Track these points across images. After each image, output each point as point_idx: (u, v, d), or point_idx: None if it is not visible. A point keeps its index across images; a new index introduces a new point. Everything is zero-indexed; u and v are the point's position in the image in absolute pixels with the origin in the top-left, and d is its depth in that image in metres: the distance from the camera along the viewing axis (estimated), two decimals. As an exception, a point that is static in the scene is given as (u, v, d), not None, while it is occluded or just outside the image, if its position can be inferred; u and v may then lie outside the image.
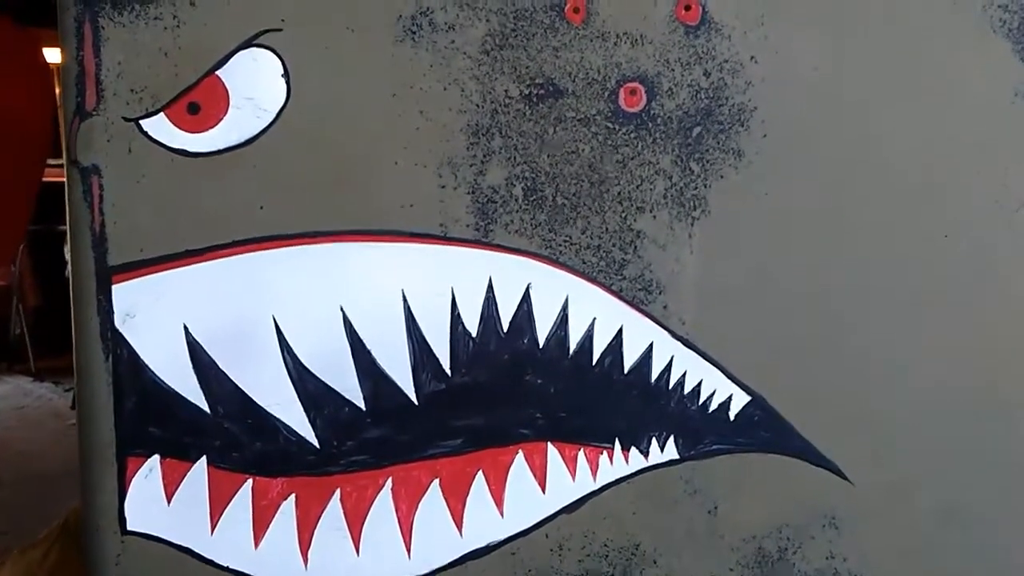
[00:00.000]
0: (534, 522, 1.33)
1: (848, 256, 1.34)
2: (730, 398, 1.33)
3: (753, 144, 1.31)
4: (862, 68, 1.31)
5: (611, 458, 1.33)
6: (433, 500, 1.31)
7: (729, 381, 1.33)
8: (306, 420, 1.27)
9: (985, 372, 1.38)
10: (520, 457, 1.32)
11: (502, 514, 1.32)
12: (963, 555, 1.39)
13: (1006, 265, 1.37)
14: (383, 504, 1.30)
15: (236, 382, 1.26)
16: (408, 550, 1.31)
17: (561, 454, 1.32)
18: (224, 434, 1.27)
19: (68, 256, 1.28)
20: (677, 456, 1.34)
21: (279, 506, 1.29)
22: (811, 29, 1.30)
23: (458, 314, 1.29)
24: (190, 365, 1.25)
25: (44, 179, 3.92)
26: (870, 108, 1.32)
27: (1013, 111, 1.34)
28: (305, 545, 1.29)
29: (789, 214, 1.32)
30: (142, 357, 1.25)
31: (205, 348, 1.25)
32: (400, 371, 1.29)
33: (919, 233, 1.35)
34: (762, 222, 1.32)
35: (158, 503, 1.27)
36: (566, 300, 1.31)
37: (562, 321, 1.31)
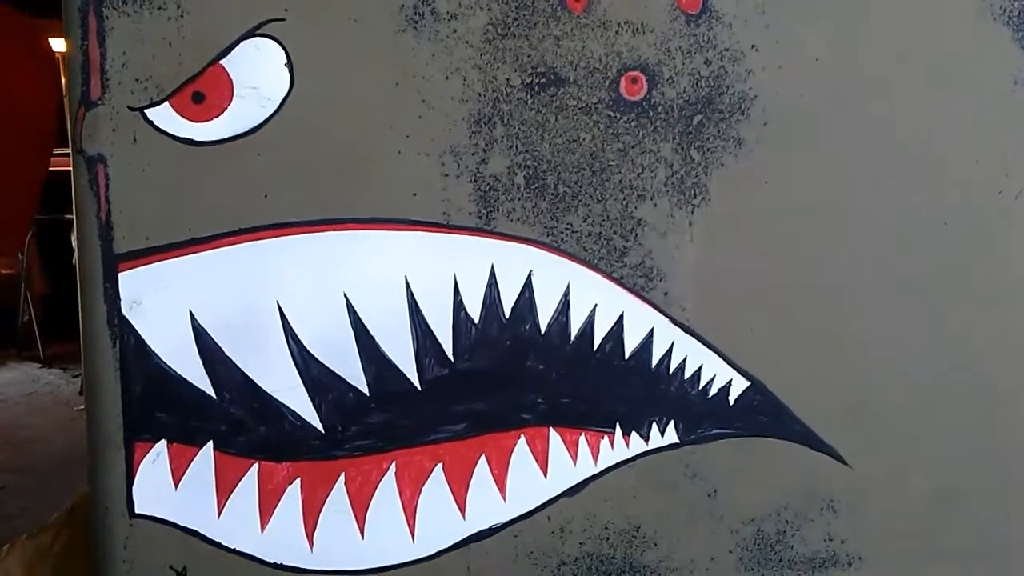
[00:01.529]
0: (536, 505, 1.34)
1: (848, 243, 1.35)
2: (730, 383, 1.34)
3: (753, 132, 1.31)
4: (862, 56, 1.32)
5: (612, 442, 1.34)
6: (436, 484, 1.32)
7: (729, 367, 1.34)
8: (311, 405, 1.29)
9: (984, 357, 1.39)
10: (522, 441, 1.33)
11: (504, 498, 1.34)
12: (960, 537, 1.40)
13: (1006, 252, 1.38)
14: (387, 488, 1.32)
15: (241, 368, 1.28)
16: (412, 533, 1.33)
17: (563, 438, 1.34)
18: (230, 419, 1.28)
19: (75, 244, 1.29)
20: (677, 440, 1.35)
21: (285, 490, 1.30)
22: (811, 17, 1.30)
23: (460, 301, 1.30)
24: (196, 351, 1.27)
25: (50, 168, 3.93)
26: (870, 96, 1.32)
27: (1013, 99, 1.35)
28: (310, 528, 1.31)
29: (789, 202, 1.33)
30: (149, 343, 1.26)
31: (211, 335, 1.27)
32: (403, 357, 1.30)
33: (919, 220, 1.35)
34: (762, 210, 1.33)
35: (165, 487, 1.29)
36: (567, 287, 1.32)
37: (564, 308, 1.32)
